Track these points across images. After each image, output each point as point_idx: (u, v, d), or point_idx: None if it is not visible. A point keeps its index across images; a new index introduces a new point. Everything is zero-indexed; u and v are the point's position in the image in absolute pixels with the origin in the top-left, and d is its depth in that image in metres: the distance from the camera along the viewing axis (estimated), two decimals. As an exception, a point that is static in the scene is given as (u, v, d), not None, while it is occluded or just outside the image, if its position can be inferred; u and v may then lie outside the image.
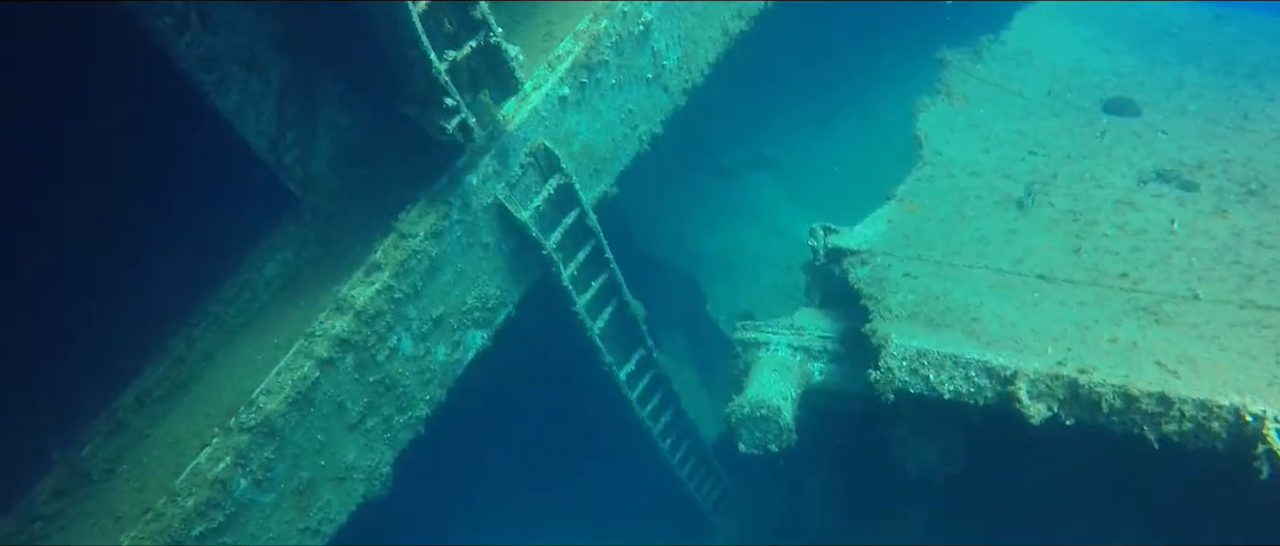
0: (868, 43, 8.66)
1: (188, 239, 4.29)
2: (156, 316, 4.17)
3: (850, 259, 3.95)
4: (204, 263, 4.23)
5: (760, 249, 7.73)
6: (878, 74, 8.69)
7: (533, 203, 4.21)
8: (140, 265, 4.28)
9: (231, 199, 4.24)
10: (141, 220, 4.24)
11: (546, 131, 4.22)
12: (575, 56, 4.23)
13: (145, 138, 4.03)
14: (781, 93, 8.66)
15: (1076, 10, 7.45)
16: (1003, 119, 5.20)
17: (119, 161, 4.10)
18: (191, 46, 3.54)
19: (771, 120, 8.80)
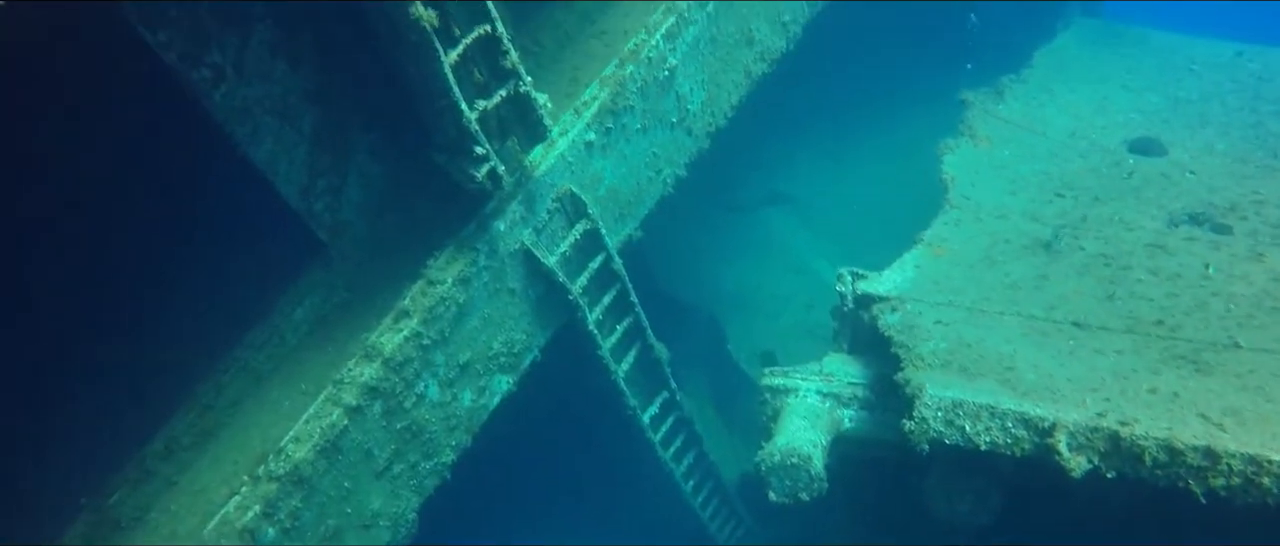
0: (882, 77, 8.68)
1: (217, 285, 4.31)
2: (185, 362, 4.18)
3: (879, 305, 3.92)
4: (232, 308, 4.25)
5: (779, 287, 7.70)
6: (893, 108, 8.70)
7: (559, 248, 4.22)
8: (169, 311, 4.30)
9: (260, 245, 4.26)
10: (171, 266, 4.26)
11: (573, 177, 4.23)
12: (601, 102, 4.25)
13: (177, 185, 4.06)
14: (797, 128, 8.68)
15: (1096, 47, 7.46)
16: (1028, 160, 5.18)
17: (149, 208, 4.12)
18: (227, 98, 3.57)
19: (788, 156, 8.81)
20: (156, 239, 4.18)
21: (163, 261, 4.26)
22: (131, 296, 4.22)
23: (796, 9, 5.17)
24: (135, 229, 4.14)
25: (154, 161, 4.00)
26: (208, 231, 4.26)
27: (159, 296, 4.27)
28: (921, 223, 7.13)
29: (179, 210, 4.16)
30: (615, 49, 4.47)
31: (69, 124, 3.84)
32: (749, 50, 4.95)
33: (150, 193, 4.07)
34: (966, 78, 7.40)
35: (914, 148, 8.18)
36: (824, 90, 8.49)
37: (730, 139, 5.16)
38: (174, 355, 4.23)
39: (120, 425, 4.04)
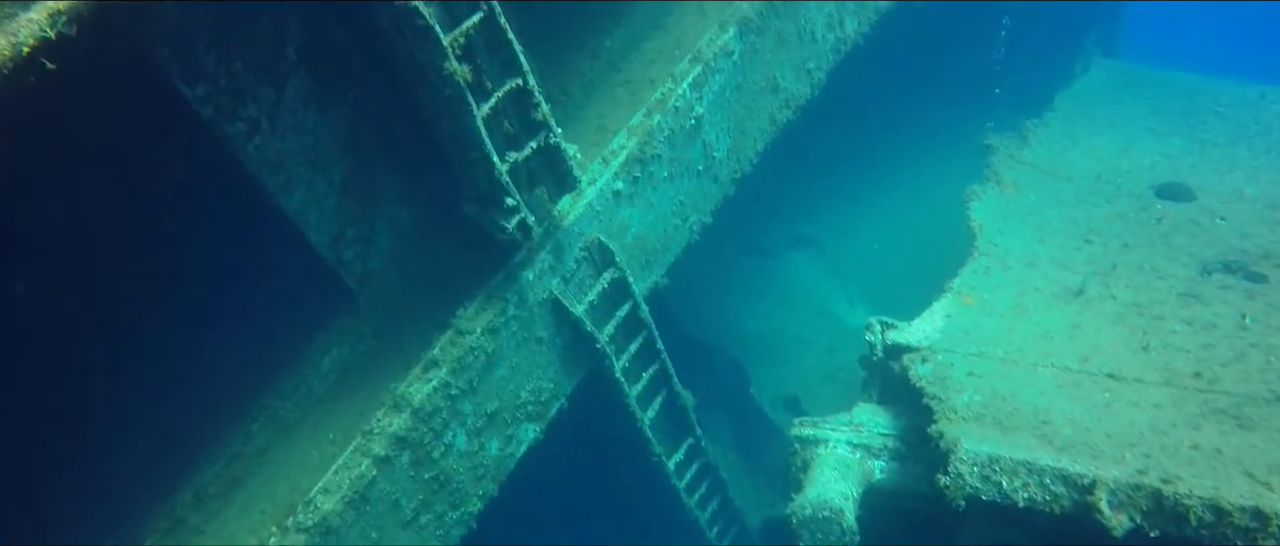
0: (902, 118, 8.69)
1: (245, 332, 4.33)
2: (213, 410, 4.19)
3: (910, 356, 3.89)
4: (261, 356, 4.26)
5: (802, 331, 7.66)
6: (913, 149, 8.69)
7: (587, 297, 4.21)
8: (197, 359, 4.31)
9: (289, 293, 4.28)
10: (198, 314, 4.28)
11: (601, 225, 4.24)
12: (629, 151, 4.27)
13: (206, 233, 4.09)
14: (818, 170, 8.68)
15: (1118, 90, 7.45)
16: (1054, 205, 5.16)
17: (177, 256, 4.15)
18: (261, 150, 3.62)
19: (810, 198, 8.80)
20: (185, 287, 4.21)
21: (191, 309, 4.28)
22: (160, 344, 4.23)
23: (820, 56, 5.20)
24: (164, 277, 4.17)
25: (184, 210, 4.03)
26: (236, 279, 4.28)
27: (187, 344, 4.29)
28: (945, 267, 7.10)
29: (207, 258, 4.19)
30: (641, 97, 4.50)
31: (102, 174, 3.89)
32: (774, 97, 4.98)
33: (179, 240, 4.11)
34: (991, 120, 7.41)
35: (935, 190, 8.18)
36: (845, 131, 8.51)
37: (753, 181, 5.17)
38: (202, 403, 4.24)
39: (149, 473, 4.04)
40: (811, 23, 5.04)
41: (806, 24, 5.01)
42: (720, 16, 4.65)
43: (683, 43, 4.72)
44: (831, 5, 5.16)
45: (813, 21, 5.05)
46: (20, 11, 2.39)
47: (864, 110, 8.20)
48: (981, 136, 7.32)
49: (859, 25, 5.42)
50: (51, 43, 2.45)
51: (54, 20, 2.42)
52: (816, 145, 7.94)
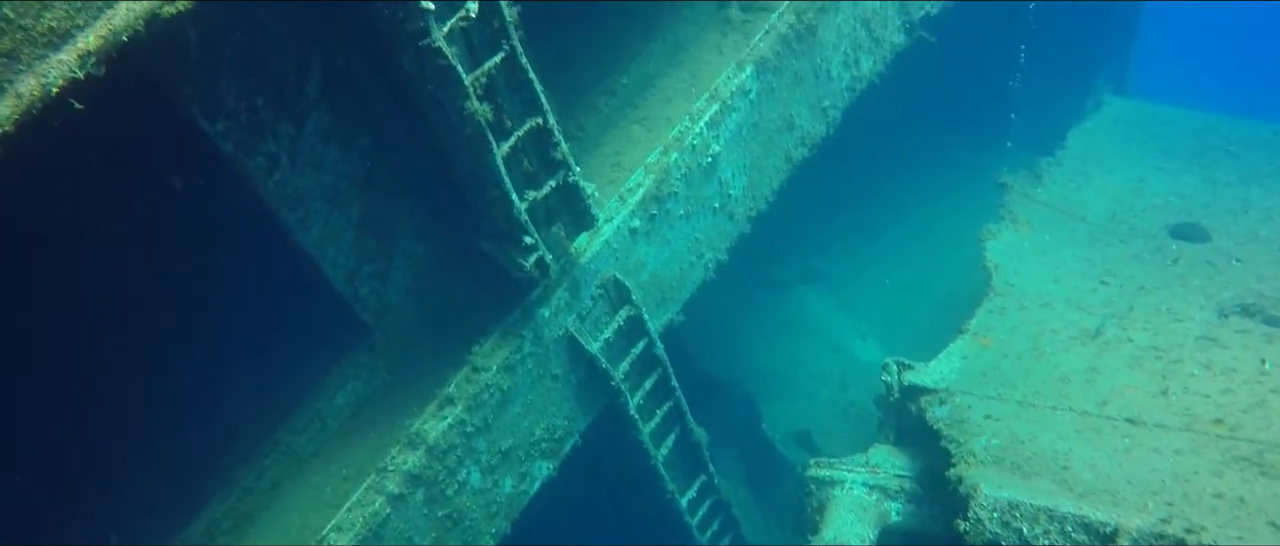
0: (913, 152, 8.71)
1: (258, 366, 4.32)
2: (226, 444, 4.17)
3: (927, 398, 3.87)
4: (274, 390, 4.25)
5: (814, 366, 7.63)
6: (924, 183, 8.70)
7: (603, 334, 4.21)
8: (210, 392, 4.31)
9: (304, 327, 4.28)
10: (212, 347, 4.28)
11: (617, 263, 4.24)
12: (646, 189, 4.28)
13: (222, 268, 4.10)
14: (830, 203, 8.69)
15: (1130, 128, 7.46)
16: (1069, 245, 5.15)
17: (192, 288, 4.16)
18: (280, 185, 3.64)
19: (822, 232, 8.80)
20: (199, 320, 4.21)
21: (204, 343, 4.28)
22: (173, 378, 4.23)
23: (835, 95, 5.22)
24: (179, 311, 4.18)
25: (201, 244, 4.05)
26: (250, 313, 4.29)
27: (200, 378, 4.29)
28: (958, 302, 7.07)
29: (222, 292, 4.20)
30: (658, 134, 4.52)
31: (120, 208, 3.91)
32: (790, 135, 4.99)
33: (195, 274, 4.12)
34: (1004, 157, 7.41)
35: (947, 224, 8.18)
36: (856, 164, 8.53)
37: (765, 215, 5.18)
38: (215, 437, 4.23)
39: (161, 508, 4.03)
40: (827, 61, 5.07)
41: (822, 63, 5.04)
42: (737, 55, 4.68)
43: (699, 80, 4.75)
44: (847, 44, 5.19)
45: (828, 60, 5.08)
46: (50, 53, 2.41)
47: (875, 144, 8.22)
48: (993, 172, 7.33)
49: (874, 64, 5.45)
50: (80, 83, 2.47)
51: (83, 61, 2.44)
52: (827, 178, 7.96)
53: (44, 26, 2.36)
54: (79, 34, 2.43)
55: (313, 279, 3.93)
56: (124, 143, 3.60)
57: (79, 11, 2.42)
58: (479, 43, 3.29)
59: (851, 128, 5.64)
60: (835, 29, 5.08)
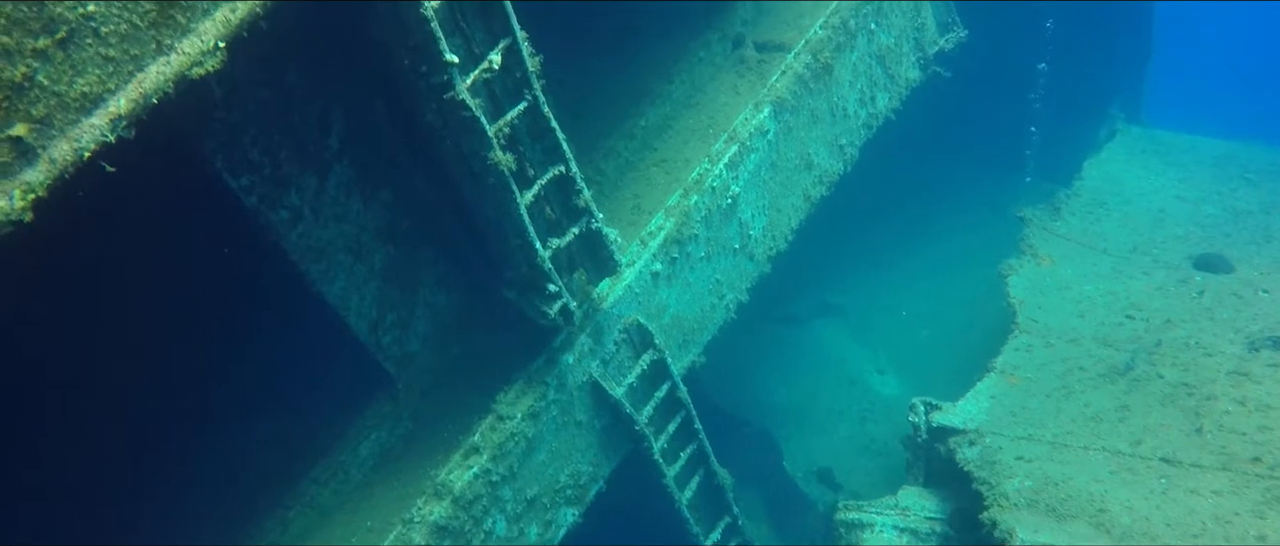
0: (926, 182, 8.70)
1: (281, 417, 4.31)
2: (250, 497, 4.15)
3: (956, 438, 3.82)
4: (297, 442, 4.23)
5: (833, 401, 7.57)
6: (938, 214, 8.68)
7: (626, 379, 4.18)
8: (233, 445, 4.29)
9: (326, 377, 4.27)
10: (235, 400, 4.27)
11: (639, 307, 4.23)
12: (667, 232, 4.28)
13: (244, 320, 4.10)
14: (845, 236, 8.68)
15: (1146, 156, 7.43)
16: (1092, 279, 5.11)
17: (217, 340, 4.16)
18: (303, 238, 3.64)
19: (837, 265, 8.78)
20: (222, 372, 4.21)
21: (227, 394, 4.27)
22: (195, 429, 4.22)
23: (852, 132, 5.23)
24: (201, 362, 4.18)
25: (224, 296, 4.05)
26: (273, 364, 4.28)
27: (222, 430, 4.27)
28: (974, 332, 7.03)
29: (245, 343, 4.20)
30: (677, 177, 4.53)
31: (144, 261, 3.92)
32: (808, 174, 4.99)
33: (217, 326, 4.12)
34: (1019, 187, 7.39)
35: (962, 255, 8.14)
36: (869, 196, 8.52)
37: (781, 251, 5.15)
38: (238, 489, 4.21)
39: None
40: (844, 99, 5.08)
41: (839, 101, 5.05)
42: (754, 96, 4.70)
43: (717, 121, 4.76)
44: (863, 81, 5.20)
45: (845, 98, 5.10)
46: (82, 118, 2.42)
47: (887, 174, 8.21)
48: (1006, 201, 7.32)
49: (890, 100, 5.46)
50: (111, 146, 2.48)
51: (114, 125, 2.45)
52: (839, 209, 7.96)
53: (77, 92, 2.37)
54: (110, 98, 2.44)
55: (336, 330, 3.93)
56: (147, 197, 3.62)
57: (111, 76, 2.43)
58: (501, 93, 3.30)
59: (863, 158, 5.64)
60: (851, 67, 5.10)
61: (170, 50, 2.52)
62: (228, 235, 3.75)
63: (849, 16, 5.05)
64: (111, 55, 2.42)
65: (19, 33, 2.21)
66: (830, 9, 5.02)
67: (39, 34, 2.25)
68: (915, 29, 5.58)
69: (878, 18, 5.24)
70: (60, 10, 2.27)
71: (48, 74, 2.31)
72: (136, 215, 3.62)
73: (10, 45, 2.20)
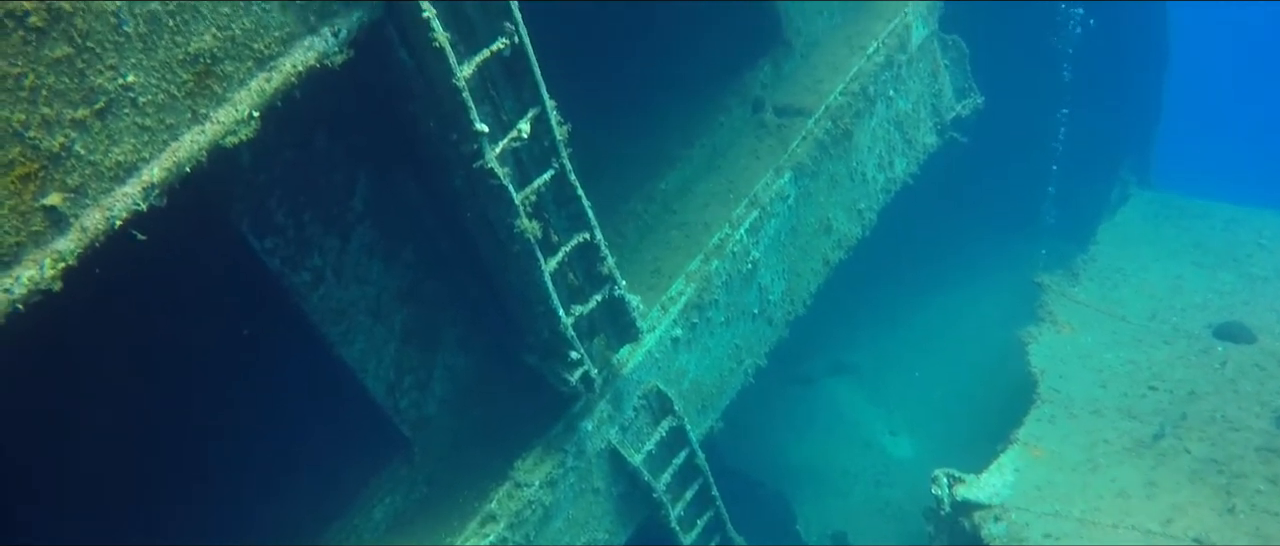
0: (938, 240, 8.69)
1: (295, 479, 4.25)
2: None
3: (981, 513, 3.75)
4: (311, 504, 4.17)
5: (848, 462, 7.49)
6: (951, 272, 8.66)
7: (645, 446, 4.13)
8: (246, 507, 4.22)
9: (342, 439, 4.21)
10: (249, 461, 4.22)
11: (659, 373, 4.19)
12: (688, 298, 4.26)
13: (262, 380, 4.06)
14: (858, 294, 8.65)
15: (1160, 222, 7.43)
16: (1112, 347, 5.07)
17: (231, 403, 4.12)
18: (324, 300, 3.62)
19: (850, 324, 8.73)
20: (237, 431, 4.16)
21: (241, 454, 4.22)
22: (209, 490, 4.16)
23: (871, 197, 5.24)
24: (217, 422, 4.13)
25: (241, 356, 4.02)
26: (289, 424, 4.24)
27: (236, 491, 4.21)
28: (989, 393, 6.96)
29: (261, 403, 4.16)
30: (697, 241, 4.52)
31: (162, 321, 3.90)
32: (827, 238, 4.99)
33: (234, 386, 4.08)
34: (1033, 249, 7.36)
35: (976, 315, 8.11)
36: (882, 254, 8.52)
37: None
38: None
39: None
40: (863, 164, 5.10)
41: (858, 166, 5.07)
42: (775, 161, 4.71)
43: (736, 185, 4.77)
44: (882, 146, 5.22)
45: (864, 163, 5.11)
46: (116, 186, 2.41)
47: (899, 233, 8.22)
48: (1021, 262, 7.29)
49: (908, 165, 5.48)
50: (142, 214, 2.47)
51: (147, 193, 2.45)
52: (853, 268, 7.94)
53: (112, 161, 2.37)
54: (144, 167, 2.44)
55: (353, 391, 3.89)
56: (170, 257, 3.61)
57: (146, 145, 2.43)
58: (528, 161, 3.31)
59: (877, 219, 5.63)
60: (870, 132, 5.13)
61: (205, 119, 2.53)
62: (248, 295, 3.74)
63: (868, 83, 5.09)
64: (147, 124, 2.42)
65: (60, 104, 2.21)
66: (850, 75, 5.06)
67: (79, 104, 2.25)
68: (932, 95, 5.62)
69: (896, 84, 5.28)
70: (101, 81, 2.28)
71: (85, 143, 2.31)
72: (157, 274, 3.61)
73: (51, 116, 2.20)
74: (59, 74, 2.19)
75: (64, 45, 2.18)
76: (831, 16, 5.46)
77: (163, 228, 2.62)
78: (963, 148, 7.12)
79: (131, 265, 2.93)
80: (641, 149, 5.00)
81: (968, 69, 5.84)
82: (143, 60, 2.35)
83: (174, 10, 2.38)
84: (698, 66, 5.26)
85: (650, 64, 5.34)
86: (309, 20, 2.68)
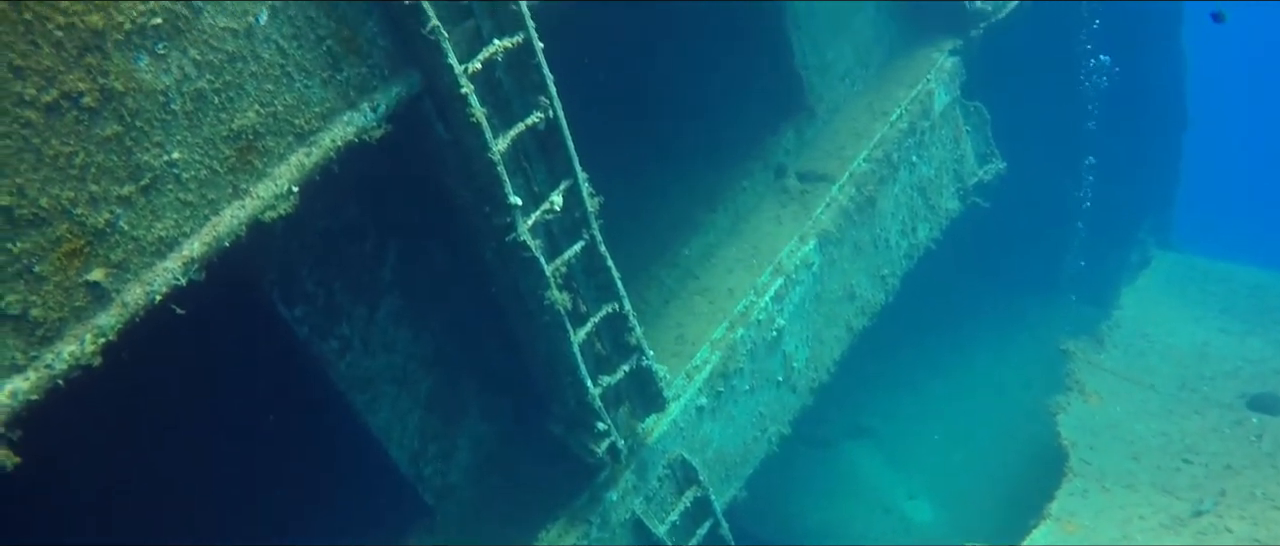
0: (957, 301, 8.64)
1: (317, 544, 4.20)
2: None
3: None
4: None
5: (866, 528, 7.35)
6: (970, 333, 8.59)
7: (670, 516, 4.07)
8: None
9: (365, 507, 4.17)
10: (271, 528, 4.17)
11: (684, 442, 4.15)
12: (713, 366, 4.23)
13: (288, 447, 4.03)
14: (874, 354, 8.59)
15: (1183, 285, 7.38)
16: (1143, 417, 4.99)
17: (256, 469, 4.09)
18: (351, 368, 3.61)
19: (868, 385, 8.65)
20: (259, 497, 4.12)
21: (264, 521, 4.17)
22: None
23: (894, 263, 5.22)
24: (241, 488, 4.10)
25: (266, 422, 4.00)
26: (312, 492, 4.20)
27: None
28: (1008, 457, 6.86)
29: (286, 470, 4.13)
30: (721, 307, 4.50)
31: (189, 388, 3.89)
32: (851, 305, 4.97)
33: (258, 453, 4.05)
34: (1064, 322, 7.30)
35: (993, 376, 8.02)
36: (902, 315, 8.48)
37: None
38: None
39: None
40: (886, 231, 5.10)
41: (881, 232, 5.07)
42: (799, 227, 4.71)
43: (760, 251, 4.77)
44: (905, 213, 5.23)
45: (887, 229, 5.11)
46: (157, 261, 2.43)
47: (918, 294, 8.18)
48: (1041, 324, 7.23)
49: (930, 231, 5.47)
50: (182, 289, 2.48)
51: (186, 268, 2.46)
52: (872, 330, 7.89)
53: (154, 236, 2.39)
54: (185, 241, 2.46)
55: (377, 459, 3.86)
56: (199, 324, 3.62)
57: (187, 220, 2.45)
58: (559, 232, 3.32)
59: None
60: (893, 198, 5.13)
61: (245, 194, 2.55)
62: (276, 361, 3.73)
63: (892, 149, 5.11)
64: (190, 199, 2.44)
65: (107, 181, 2.24)
66: (873, 141, 5.09)
67: (125, 181, 2.28)
68: (955, 160, 5.64)
69: (919, 150, 5.30)
70: (147, 158, 2.31)
71: (129, 219, 2.33)
72: (185, 339, 3.61)
73: (99, 193, 2.23)
74: (108, 152, 2.22)
75: (114, 124, 2.22)
76: (853, 83, 5.52)
77: (197, 299, 2.62)
78: (981, 210, 7.13)
79: (164, 335, 2.94)
80: (663, 212, 5.02)
81: (989, 134, 5.87)
82: (187, 137, 2.38)
83: (220, 88, 2.42)
84: (721, 130, 5.30)
85: (673, 127, 5.38)
86: (349, 95, 2.72)
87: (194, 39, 2.33)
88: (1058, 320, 7.47)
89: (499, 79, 2.96)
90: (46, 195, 2.13)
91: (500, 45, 2.82)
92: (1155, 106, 8.07)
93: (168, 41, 2.27)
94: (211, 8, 2.34)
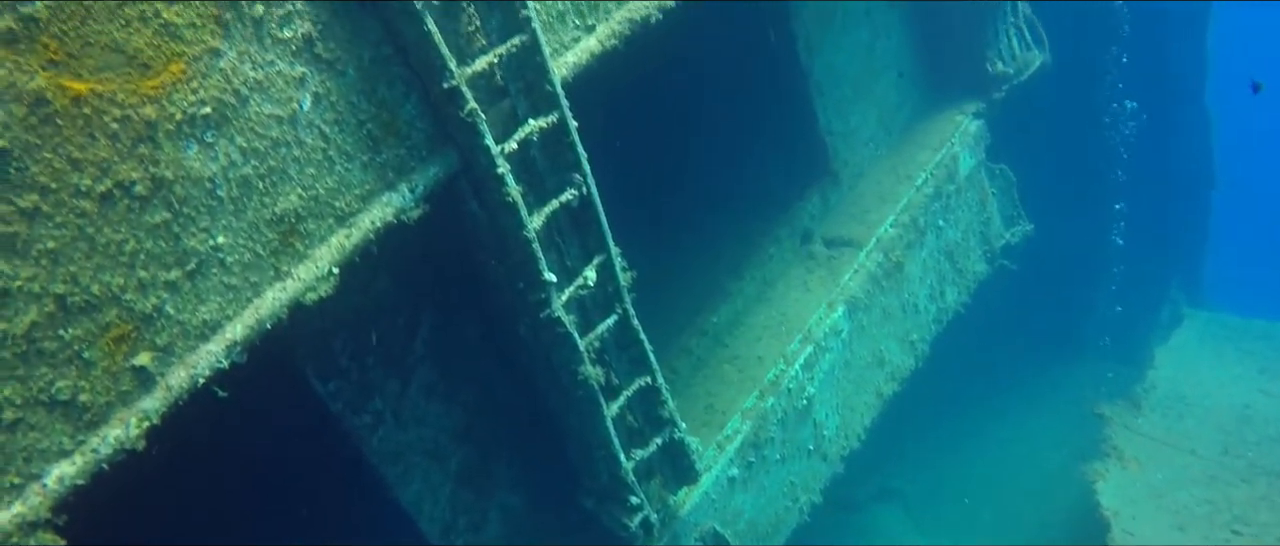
0: (985, 361, 8.54)
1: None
2: None
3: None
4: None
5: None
6: (996, 393, 8.47)
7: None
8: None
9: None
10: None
11: (715, 513, 4.10)
12: (744, 436, 4.20)
13: (320, 520, 4.02)
14: (902, 415, 8.48)
15: (1219, 344, 7.27)
16: (1186, 485, 4.89)
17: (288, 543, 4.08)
18: (383, 442, 3.61)
19: (896, 446, 8.54)
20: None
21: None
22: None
23: (923, 328, 5.20)
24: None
25: (300, 493, 4.00)
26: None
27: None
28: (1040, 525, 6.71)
29: (318, 542, 4.11)
30: (750, 375, 4.49)
31: (225, 460, 3.90)
32: (880, 371, 4.93)
33: (292, 524, 4.04)
34: (1089, 376, 7.21)
35: (1025, 439, 7.89)
36: (931, 377, 8.39)
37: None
38: None
39: None
40: (914, 295, 5.08)
41: (910, 297, 5.05)
42: (827, 294, 4.71)
43: (788, 318, 4.76)
44: (933, 277, 5.21)
45: (916, 294, 5.09)
46: (201, 344, 2.46)
47: (947, 355, 8.10)
48: (1072, 385, 7.12)
49: (959, 294, 5.45)
50: (224, 372, 2.51)
51: (229, 351, 2.49)
52: (900, 392, 7.80)
53: (199, 320, 2.43)
54: (228, 324, 2.49)
55: (409, 532, 3.84)
56: (236, 403, 3.64)
57: (231, 303, 2.49)
58: (592, 306, 3.34)
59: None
60: (921, 263, 5.13)
61: (287, 276, 2.59)
62: (310, 435, 3.74)
63: (918, 214, 5.12)
64: (233, 283, 2.48)
65: (155, 267, 2.28)
66: (900, 206, 5.10)
67: (172, 267, 2.32)
68: (981, 223, 5.64)
69: (946, 214, 5.31)
70: (194, 243, 2.36)
71: (175, 304, 2.37)
72: (220, 415, 3.63)
73: (147, 279, 2.27)
74: (157, 238, 2.27)
75: (164, 211, 2.27)
76: (877, 147, 5.55)
77: (236, 379, 2.65)
78: (1008, 271, 7.10)
79: (203, 415, 2.96)
80: (691, 279, 5.03)
81: (1016, 196, 5.87)
82: (232, 222, 2.44)
83: (264, 173, 2.47)
84: (746, 197, 5.34)
85: (698, 194, 5.42)
86: (388, 177, 2.77)
87: (241, 127, 2.39)
88: (1090, 381, 7.37)
89: (533, 157, 3.01)
90: (98, 282, 2.18)
91: (536, 125, 2.88)
92: (1182, 165, 8.05)
93: (216, 130, 2.33)
94: (257, 96, 2.41)
